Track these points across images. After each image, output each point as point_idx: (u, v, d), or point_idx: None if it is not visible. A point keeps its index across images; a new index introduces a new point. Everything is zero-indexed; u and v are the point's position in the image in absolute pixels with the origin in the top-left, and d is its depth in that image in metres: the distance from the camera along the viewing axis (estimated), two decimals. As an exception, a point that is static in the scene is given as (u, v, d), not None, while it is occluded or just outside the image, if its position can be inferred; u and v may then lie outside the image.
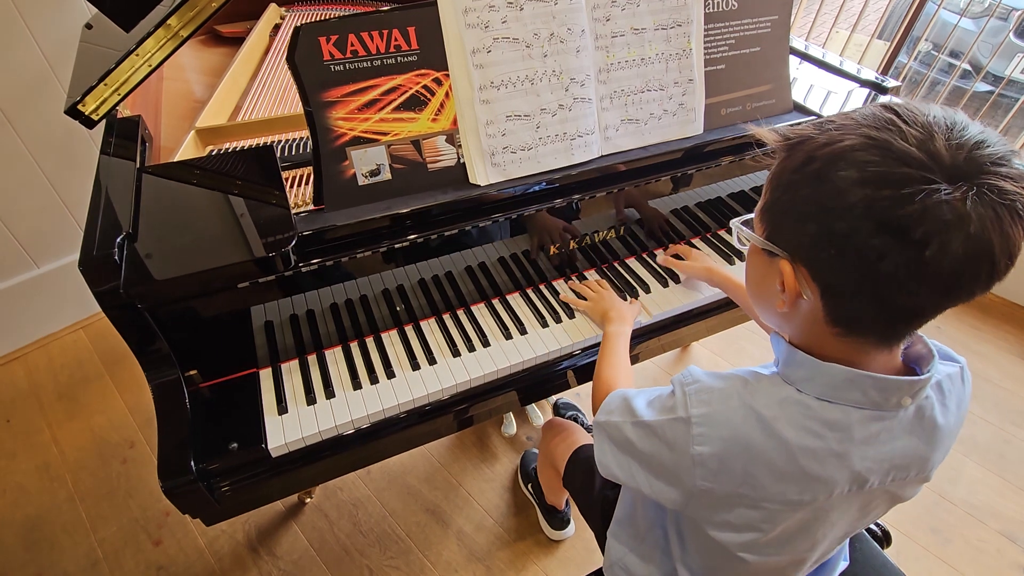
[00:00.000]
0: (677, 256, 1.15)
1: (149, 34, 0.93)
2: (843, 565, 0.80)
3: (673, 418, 0.61)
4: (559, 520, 1.44)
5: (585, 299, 1.06)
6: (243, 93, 1.29)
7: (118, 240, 0.79)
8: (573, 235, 1.08)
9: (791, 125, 0.58)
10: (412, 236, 0.92)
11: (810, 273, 0.53)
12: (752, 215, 0.60)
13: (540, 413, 1.69)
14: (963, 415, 0.63)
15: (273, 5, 1.58)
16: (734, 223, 0.63)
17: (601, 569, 0.89)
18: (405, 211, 0.90)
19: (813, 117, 1.14)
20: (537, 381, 1.02)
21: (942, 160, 0.46)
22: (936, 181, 0.45)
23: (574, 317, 1.06)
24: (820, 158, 0.50)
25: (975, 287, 0.48)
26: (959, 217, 0.44)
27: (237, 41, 1.49)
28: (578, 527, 1.47)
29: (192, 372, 0.88)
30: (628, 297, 1.09)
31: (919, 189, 0.45)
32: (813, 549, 0.65)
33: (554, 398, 1.72)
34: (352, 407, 0.91)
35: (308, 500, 1.54)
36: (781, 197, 0.54)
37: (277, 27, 1.55)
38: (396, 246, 0.91)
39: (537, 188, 0.97)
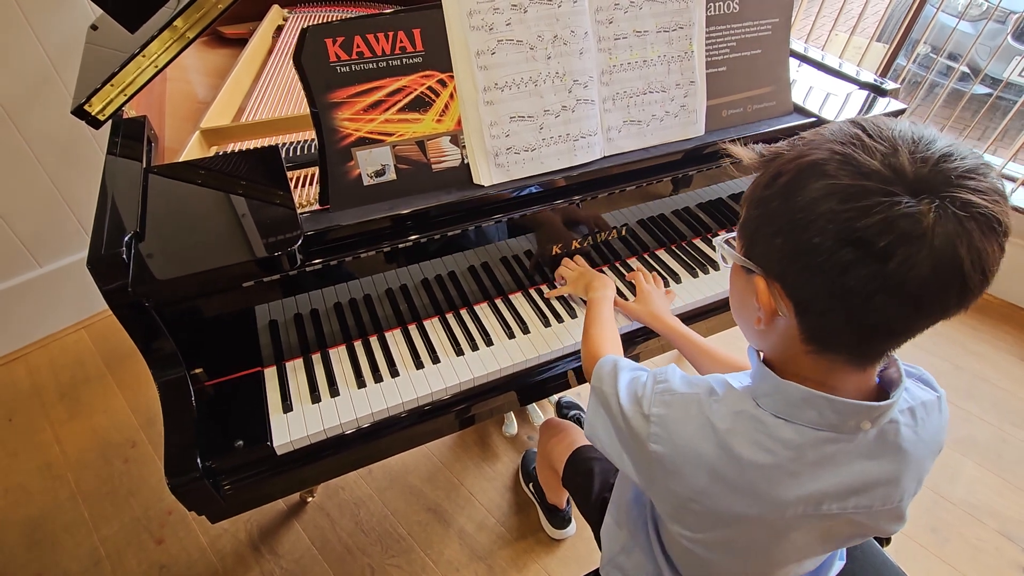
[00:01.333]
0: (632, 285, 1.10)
1: (155, 36, 0.94)
2: (839, 565, 0.80)
3: (638, 411, 0.63)
4: (560, 519, 1.45)
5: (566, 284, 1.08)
6: (247, 94, 1.30)
7: (125, 239, 0.80)
8: (575, 235, 1.09)
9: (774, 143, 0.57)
10: (416, 236, 0.92)
11: (783, 289, 0.53)
12: (735, 233, 0.60)
13: (541, 413, 1.70)
14: (938, 444, 0.61)
15: (276, 7, 1.59)
16: (717, 241, 0.62)
17: (599, 568, 0.90)
18: (409, 211, 0.90)
19: (812, 119, 1.15)
20: (539, 380, 1.03)
21: (905, 174, 0.45)
22: (897, 194, 0.45)
23: (576, 316, 1.07)
24: (787, 172, 0.50)
25: (947, 304, 0.47)
26: (921, 231, 0.44)
27: (240, 42, 1.49)
28: (579, 526, 1.47)
29: (198, 370, 0.88)
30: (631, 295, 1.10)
31: (878, 202, 0.45)
32: (770, 565, 0.65)
33: (555, 397, 1.73)
34: (357, 405, 0.92)
35: (310, 499, 1.55)
36: (753, 212, 0.54)
37: (280, 28, 1.56)
38: (400, 246, 0.92)
39: (540, 189, 0.98)
